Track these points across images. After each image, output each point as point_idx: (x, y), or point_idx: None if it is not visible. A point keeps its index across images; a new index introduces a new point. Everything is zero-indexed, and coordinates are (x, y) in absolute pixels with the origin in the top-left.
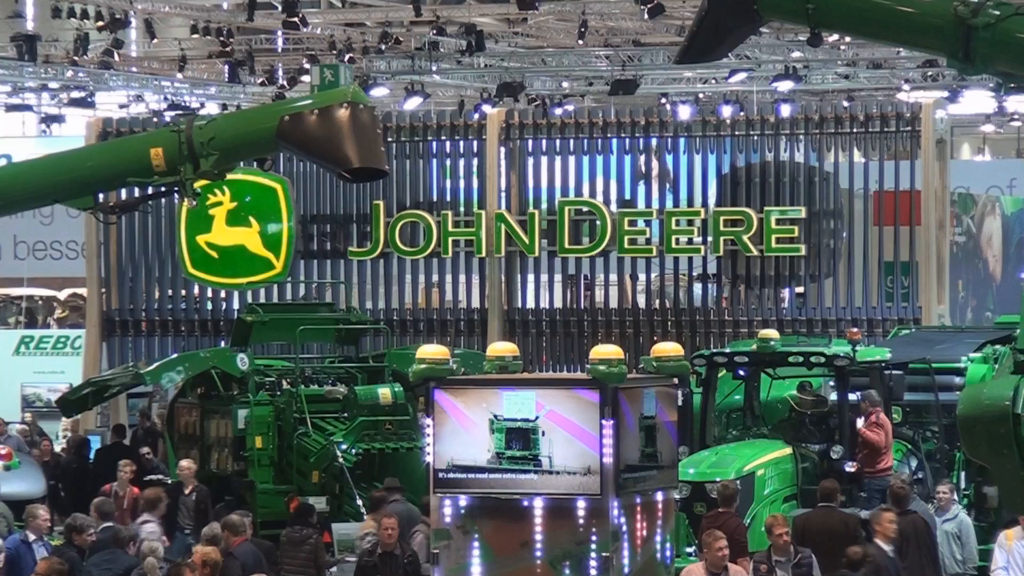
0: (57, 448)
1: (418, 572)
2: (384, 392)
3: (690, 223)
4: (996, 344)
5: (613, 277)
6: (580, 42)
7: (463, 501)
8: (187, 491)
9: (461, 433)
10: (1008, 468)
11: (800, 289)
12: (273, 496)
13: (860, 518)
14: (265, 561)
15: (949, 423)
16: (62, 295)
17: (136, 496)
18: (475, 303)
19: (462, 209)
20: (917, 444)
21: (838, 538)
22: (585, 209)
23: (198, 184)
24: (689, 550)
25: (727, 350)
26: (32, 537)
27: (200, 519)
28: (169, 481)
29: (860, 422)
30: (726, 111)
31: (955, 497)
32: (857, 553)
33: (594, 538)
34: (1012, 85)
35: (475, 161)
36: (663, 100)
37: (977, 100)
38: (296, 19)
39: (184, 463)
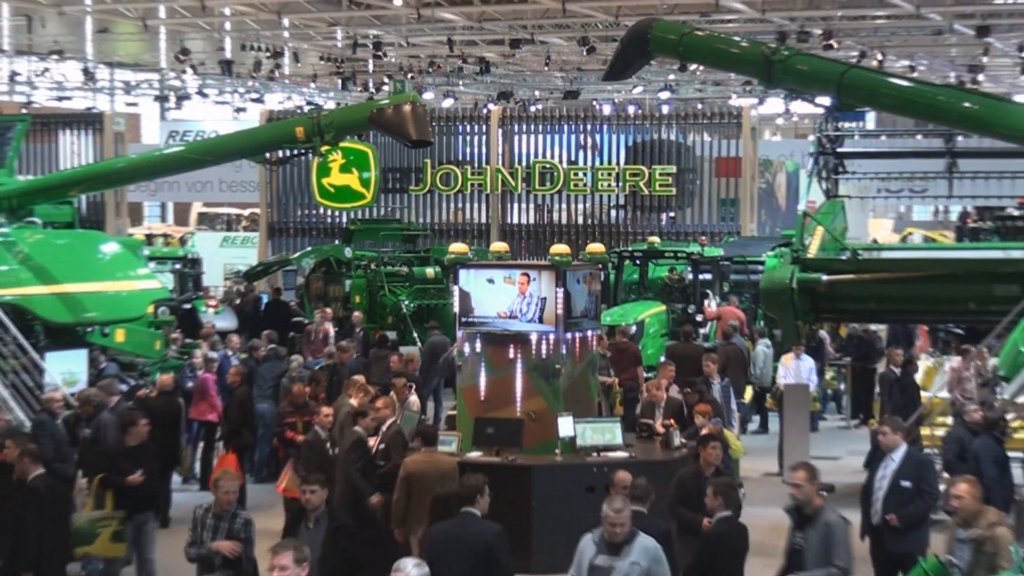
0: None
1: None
2: (430, 271)
3: (609, 174)
4: (782, 247)
5: (565, 206)
6: (546, 67)
7: (476, 335)
8: (357, 330)
9: (475, 295)
10: (786, 319)
11: (672, 214)
12: (366, 331)
13: (705, 347)
14: (362, 369)
15: (755, 293)
16: (246, 212)
17: (326, 332)
18: (483, 219)
19: (476, 164)
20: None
21: (692, 359)
22: (548, 166)
23: (323, 148)
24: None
25: (630, 248)
26: (229, 353)
27: (364, 349)
28: (307, 322)
29: (713, 302)
30: (631, 109)
31: (766, 339)
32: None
33: (552, 356)
34: (794, 95)
35: (484, 137)
36: (595, 102)
37: (774, 104)
38: (380, 53)
39: (356, 314)
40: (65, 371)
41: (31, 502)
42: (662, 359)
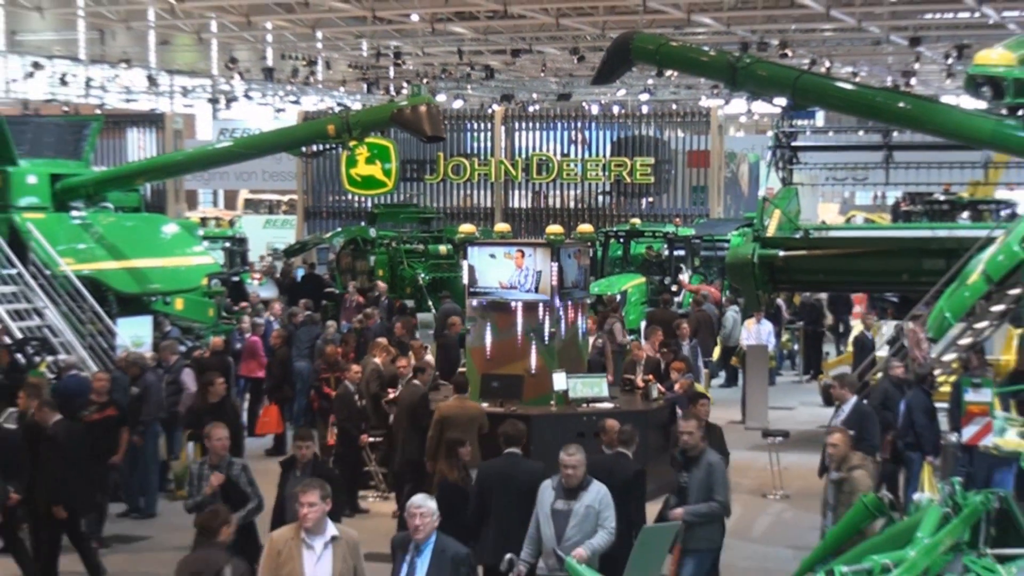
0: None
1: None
2: (443, 248)
3: (597, 165)
4: (744, 227)
5: (558, 192)
6: (542, 73)
7: (482, 302)
8: (382, 299)
9: (480, 268)
10: (748, 289)
11: (651, 199)
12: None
13: (679, 313)
14: (385, 332)
15: (721, 267)
16: (285, 198)
17: (359, 300)
18: (488, 204)
19: (483, 156)
20: (706, 276)
21: (668, 323)
22: (544, 158)
23: (351, 143)
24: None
25: (614, 228)
26: (272, 318)
27: (390, 315)
28: (337, 292)
29: (686, 274)
30: (615, 109)
31: (734, 306)
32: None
33: (547, 321)
34: (755, 97)
35: (489, 133)
36: (584, 103)
37: (738, 104)
38: (400, 61)
39: (381, 284)
40: (133, 335)
41: (51, 447)
42: (643, 323)
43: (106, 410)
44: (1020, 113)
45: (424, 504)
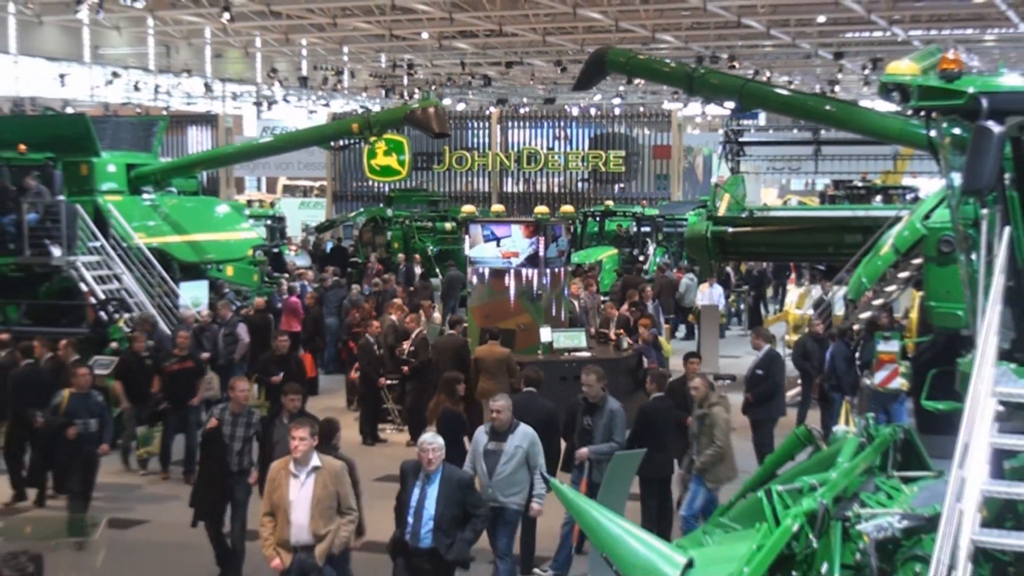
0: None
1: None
2: (448, 225)
3: (577, 157)
4: (700, 208)
5: (545, 180)
6: (531, 82)
7: (481, 270)
8: (400, 266)
9: (480, 242)
10: (703, 259)
11: (622, 185)
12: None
13: (645, 279)
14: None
15: (681, 240)
16: (317, 184)
17: (380, 269)
18: (486, 189)
19: (481, 150)
20: (668, 248)
21: (636, 286)
22: (533, 151)
23: (371, 139)
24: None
25: (592, 209)
26: (305, 283)
27: (409, 282)
28: (360, 261)
29: (651, 246)
30: (592, 111)
31: (690, 273)
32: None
33: (535, 284)
34: (708, 101)
35: (487, 131)
36: (566, 106)
37: (694, 107)
38: (412, 71)
39: (401, 255)
40: (193, 296)
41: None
42: (617, 287)
43: (185, 362)
44: (922, 114)
45: (435, 440)
